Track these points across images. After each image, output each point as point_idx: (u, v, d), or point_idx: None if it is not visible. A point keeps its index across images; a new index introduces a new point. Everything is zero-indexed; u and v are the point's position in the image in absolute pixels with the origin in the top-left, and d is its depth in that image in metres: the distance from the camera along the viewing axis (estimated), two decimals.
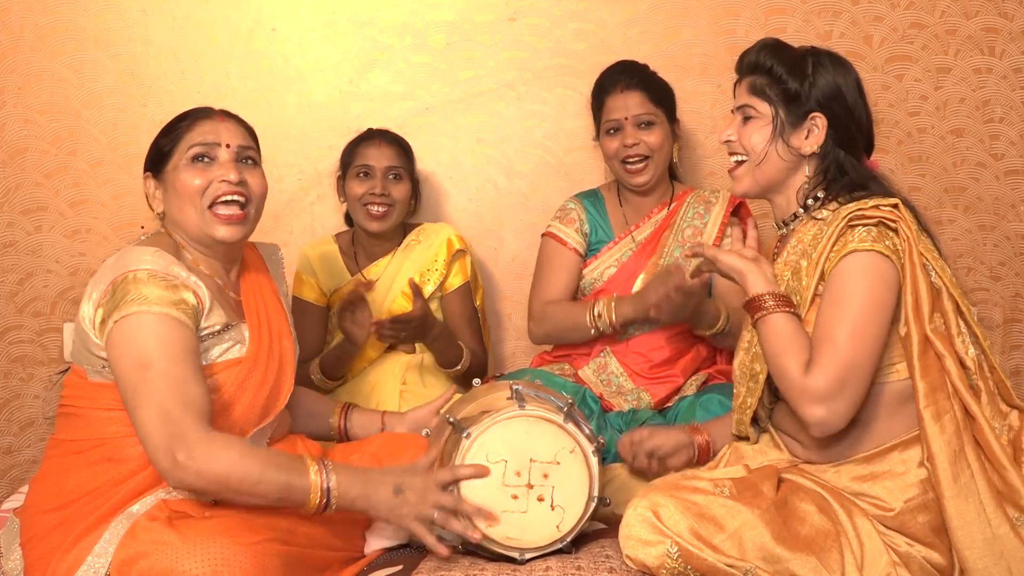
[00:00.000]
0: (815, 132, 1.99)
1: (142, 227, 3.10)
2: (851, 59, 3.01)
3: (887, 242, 1.87)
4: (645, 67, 2.81)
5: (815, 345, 1.86)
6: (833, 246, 1.90)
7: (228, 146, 2.01)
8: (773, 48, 2.03)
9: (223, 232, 1.99)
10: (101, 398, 1.91)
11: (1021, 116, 3.09)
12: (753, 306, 1.94)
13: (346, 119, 3.11)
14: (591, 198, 2.86)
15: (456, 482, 1.89)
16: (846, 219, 1.91)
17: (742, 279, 1.98)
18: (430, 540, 1.85)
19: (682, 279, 2.40)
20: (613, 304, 2.62)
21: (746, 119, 2.03)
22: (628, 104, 2.71)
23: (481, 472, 1.90)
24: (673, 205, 2.80)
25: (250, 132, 2.09)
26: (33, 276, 3.13)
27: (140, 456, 1.86)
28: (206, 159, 1.99)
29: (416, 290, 2.67)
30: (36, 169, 3.10)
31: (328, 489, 1.80)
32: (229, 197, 1.99)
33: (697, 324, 2.56)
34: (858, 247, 1.87)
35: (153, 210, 2.04)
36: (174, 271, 1.90)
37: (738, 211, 2.82)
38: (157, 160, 2.03)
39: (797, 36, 3.05)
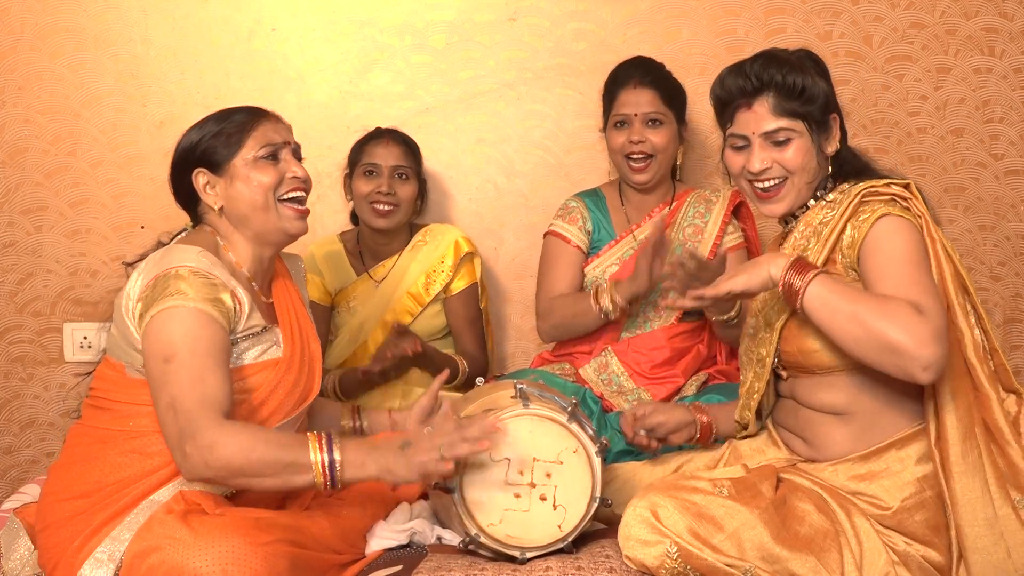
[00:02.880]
0: (834, 131, 2.01)
1: (142, 227, 3.11)
2: (851, 59, 3.07)
3: (908, 215, 1.89)
4: (661, 66, 2.81)
5: (906, 295, 1.78)
6: (850, 219, 1.90)
7: (288, 144, 2.09)
8: (779, 62, 1.98)
9: (297, 226, 2.07)
10: (137, 394, 1.93)
11: (1021, 116, 3.09)
12: (789, 290, 1.83)
13: (346, 119, 3.11)
14: (592, 197, 2.86)
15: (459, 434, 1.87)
16: (859, 195, 1.91)
17: (755, 279, 1.89)
18: (448, 468, 1.82)
19: (659, 238, 2.47)
20: (614, 286, 2.63)
21: (781, 142, 1.98)
22: (639, 100, 2.71)
23: (489, 429, 1.85)
24: (674, 204, 2.80)
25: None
26: (33, 276, 3.13)
27: (167, 451, 1.87)
28: (273, 157, 2.06)
29: (403, 331, 2.65)
30: (36, 169, 3.10)
31: (331, 463, 1.80)
32: (297, 193, 2.07)
33: (710, 308, 2.50)
34: (889, 211, 1.87)
35: (211, 206, 2.05)
36: (216, 272, 1.94)
37: (738, 210, 2.83)
38: (217, 156, 2.04)
39: (797, 36, 3.06)
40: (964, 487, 1.82)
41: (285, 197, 2.06)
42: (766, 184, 2.00)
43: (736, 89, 1.99)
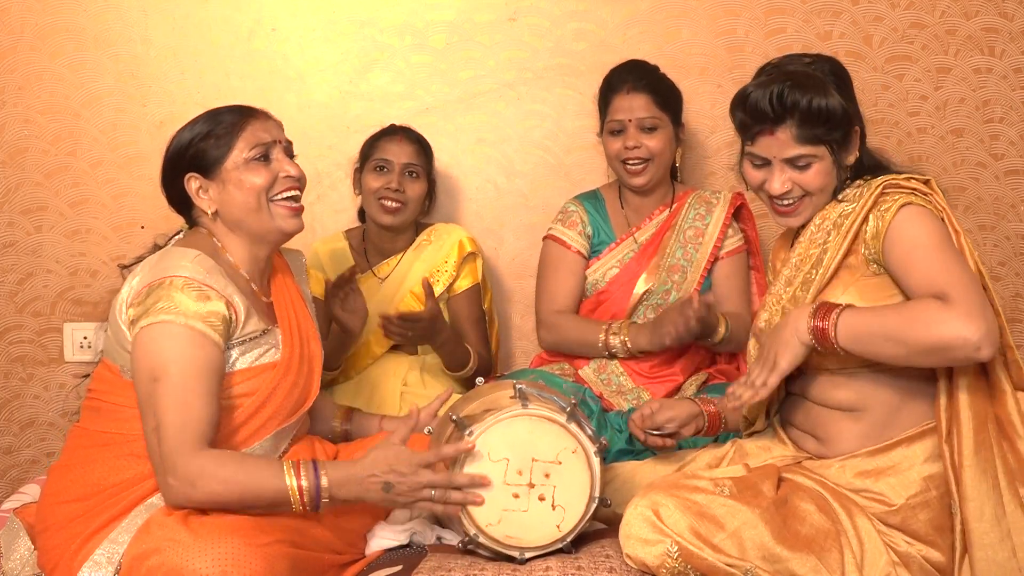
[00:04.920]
0: (855, 142, 1.99)
1: (142, 227, 3.10)
2: (851, 59, 3.06)
3: (930, 207, 1.89)
4: (655, 69, 2.79)
5: (933, 278, 1.80)
6: (871, 210, 1.90)
7: (279, 142, 2.07)
8: (803, 87, 1.93)
9: (292, 224, 2.06)
10: (133, 396, 1.92)
11: (1021, 116, 3.08)
12: (822, 334, 1.85)
13: (346, 119, 3.11)
14: (592, 199, 2.86)
15: (448, 483, 1.91)
16: (880, 187, 1.91)
17: (793, 354, 1.88)
18: (439, 509, 1.90)
19: (697, 309, 2.44)
20: (628, 333, 2.63)
21: (802, 167, 1.96)
22: (633, 106, 2.70)
23: (480, 482, 1.91)
24: (675, 206, 2.80)
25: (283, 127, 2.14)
26: (33, 276, 3.13)
27: None
28: (265, 157, 2.04)
29: (429, 291, 2.66)
30: (36, 169, 3.10)
31: (310, 492, 1.83)
32: (291, 193, 2.05)
33: (700, 336, 2.56)
34: (912, 200, 1.87)
35: (205, 210, 2.05)
36: (212, 280, 1.93)
37: (739, 213, 2.82)
38: (207, 160, 2.03)
39: (797, 36, 3.05)
40: (974, 482, 1.82)
41: (279, 197, 2.04)
42: (785, 202, 2.01)
43: (759, 114, 1.96)
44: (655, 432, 2.17)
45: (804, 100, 1.91)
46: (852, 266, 1.94)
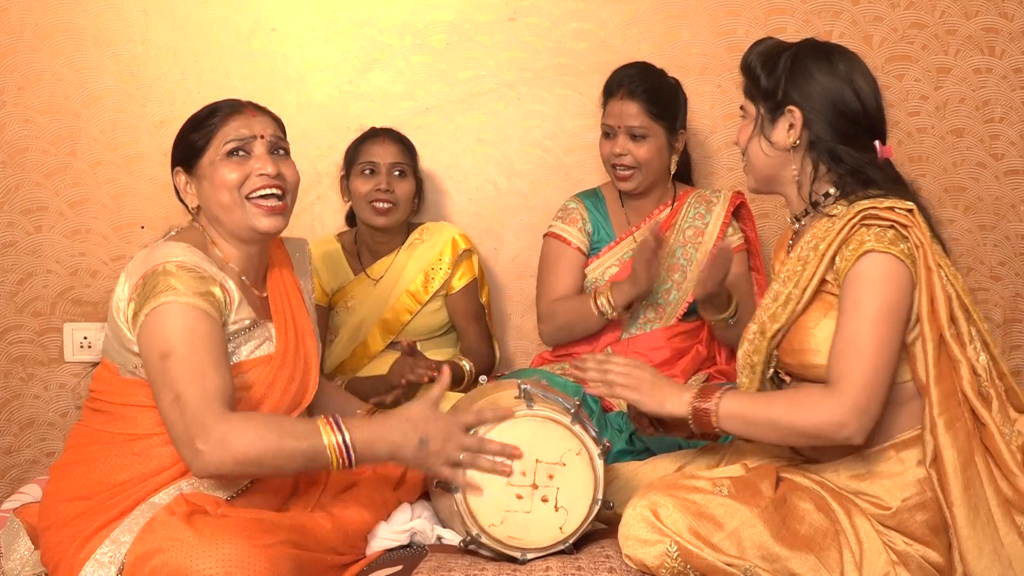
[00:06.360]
0: (793, 126, 1.97)
1: (142, 227, 3.10)
2: None
3: (902, 246, 1.86)
4: (657, 75, 2.76)
5: (841, 355, 1.83)
6: (844, 241, 1.89)
7: (262, 137, 2.01)
8: (759, 48, 2.05)
9: (266, 223, 2.00)
10: (133, 395, 1.92)
11: (1021, 116, 3.09)
12: (703, 419, 1.92)
13: (346, 119, 3.11)
14: (592, 198, 2.86)
15: (480, 448, 1.91)
16: (859, 216, 1.89)
17: (653, 404, 1.99)
18: (460, 480, 1.89)
19: (656, 243, 2.51)
20: (611, 291, 2.64)
21: (744, 119, 2.06)
22: (624, 113, 2.68)
23: (509, 452, 1.91)
24: (675, 205, 2.80)
25: (280, 123, 2.09)
26: (33, 276, 3.13)
27: (169, 455, 1.88)
28: (241, 152, 2.00)
29: (413, 350, 2.66)
30: (36, 169, 3.10)
31: (347, 447, 1.81)
32: (268, 191, 2.00)
33: (707, 306, 2.49)
34: (875, 247, 1.85)
35: (187, 205, 2.05)
36: (204, 266, 1.92)
37: (739, 212, 2.83)
38: (189, 155, 2.03)
39: (797, 36, 2.99)
40: (968, 518, 1.81)
41: (255, 195, 2.00)
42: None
43: (743, 67, 2.10)
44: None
45: (747, 56, 2.05)
46: (827, 292, 1.92)
